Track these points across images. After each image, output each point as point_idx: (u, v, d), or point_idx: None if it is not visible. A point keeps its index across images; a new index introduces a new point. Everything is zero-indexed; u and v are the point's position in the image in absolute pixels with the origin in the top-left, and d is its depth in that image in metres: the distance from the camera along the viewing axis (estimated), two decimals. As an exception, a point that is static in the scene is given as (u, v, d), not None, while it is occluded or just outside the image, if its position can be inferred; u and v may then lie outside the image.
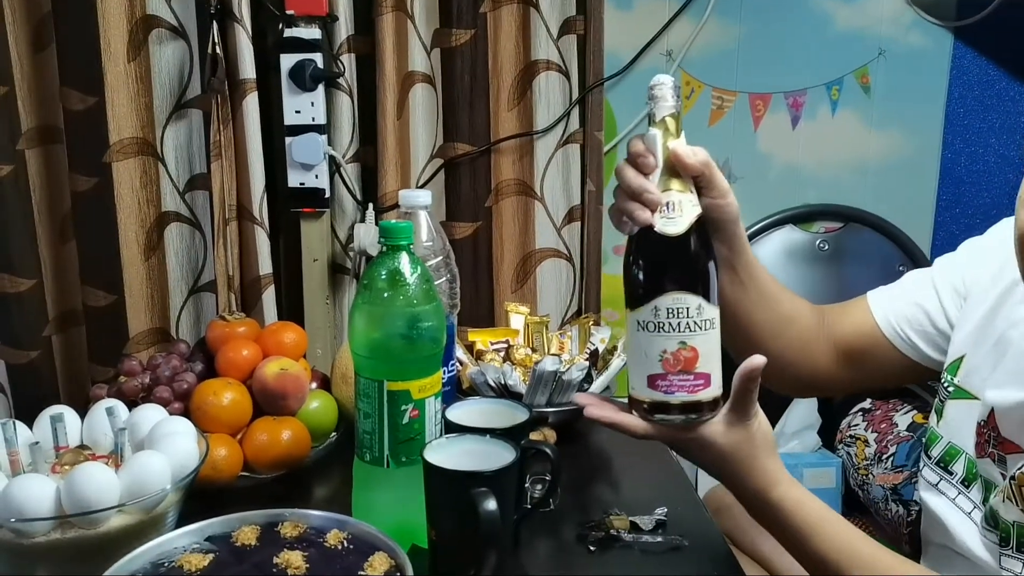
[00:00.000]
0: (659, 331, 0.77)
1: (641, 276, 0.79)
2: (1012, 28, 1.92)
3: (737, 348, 0.91)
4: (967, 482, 0.88)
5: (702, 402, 0.78)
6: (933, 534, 0.93)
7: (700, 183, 0.81)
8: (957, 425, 0.90)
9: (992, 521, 0.82)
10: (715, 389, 0.78)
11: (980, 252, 0.97)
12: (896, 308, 0.99)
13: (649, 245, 0.78)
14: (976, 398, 0.88)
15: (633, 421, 0.80)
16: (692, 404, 0.77)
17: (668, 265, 0.78)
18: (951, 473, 0.90)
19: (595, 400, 0.84)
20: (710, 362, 0.77)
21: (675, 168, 0.78)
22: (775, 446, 0.81)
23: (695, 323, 0.76)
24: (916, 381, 1.00)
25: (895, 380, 1.03)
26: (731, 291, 0.91)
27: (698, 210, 0.79)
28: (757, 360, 0.76)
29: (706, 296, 0.77)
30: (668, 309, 0.76)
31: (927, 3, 1.92)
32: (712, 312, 0.77)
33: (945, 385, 0.94)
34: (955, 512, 0.89)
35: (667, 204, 0.77)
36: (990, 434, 0.84)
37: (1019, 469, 0.78)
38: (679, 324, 0.76)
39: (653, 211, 0.78)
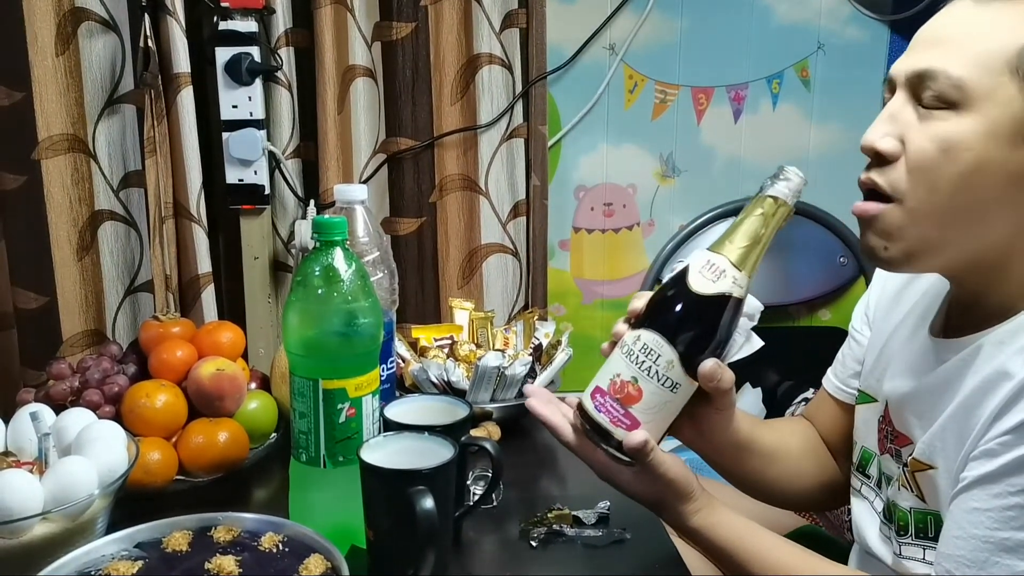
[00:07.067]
0: (628, 356, 0.76)
1: (651, 302, 0.78)
2: (946, 22, 1.96)
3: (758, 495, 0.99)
4: (880, 484, 0.89)
5: (617, 438, 0.76)
6: (858, 538, 0.94)
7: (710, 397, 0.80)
8: (866, 429, 0.92)
9: (888, 514, 0.84)
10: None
11: (888, 276, 0.98)
12: (840, 377, 1.01)
13: (674, 283, 0.77)
14: (875, 400, 0.90)
15: (565, 429, 0.80)
16: (610, 434, 0.76)
17: (671, 310, 0.76)
18: (868, 476, 0.91)
19: (542, 395, 0.84)
20: (647, 414, 0.76)
21: (750, 248, 0.75)
22: (689, 482, 0.79)
23: (657, 372, 0.75)
24: None
25: None
26: (743, 462, 0.93)
27: (735, 291, 0.75)
28: (634, 439, 0.75)
29: (684, 363, 0.75)
30: (645, 344, 0.76)
31: (864, -3, 1.95)
32: (681, 379, 0.75)
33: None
34: (871, 514, 0.90)
35: (709, 263, 0.75)
36: (887, 429, 0.86)
37: (911, 455, 0.80)
38: (643, 362, 0.75)
39: None
